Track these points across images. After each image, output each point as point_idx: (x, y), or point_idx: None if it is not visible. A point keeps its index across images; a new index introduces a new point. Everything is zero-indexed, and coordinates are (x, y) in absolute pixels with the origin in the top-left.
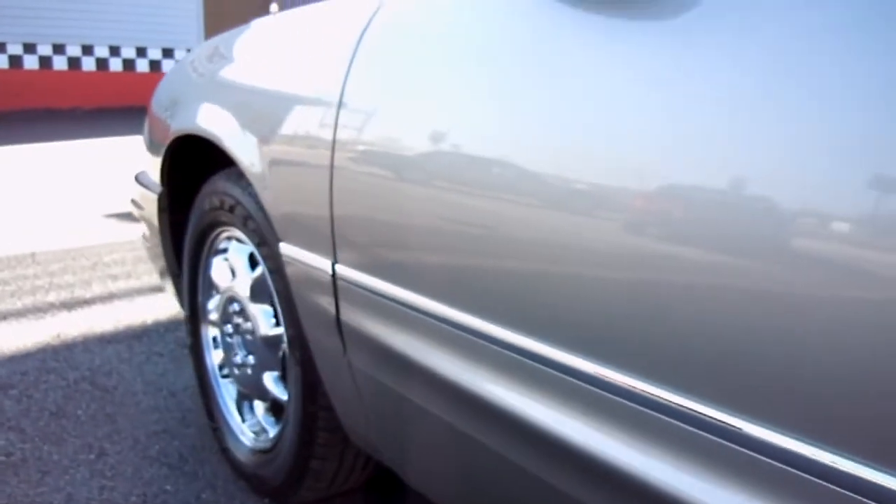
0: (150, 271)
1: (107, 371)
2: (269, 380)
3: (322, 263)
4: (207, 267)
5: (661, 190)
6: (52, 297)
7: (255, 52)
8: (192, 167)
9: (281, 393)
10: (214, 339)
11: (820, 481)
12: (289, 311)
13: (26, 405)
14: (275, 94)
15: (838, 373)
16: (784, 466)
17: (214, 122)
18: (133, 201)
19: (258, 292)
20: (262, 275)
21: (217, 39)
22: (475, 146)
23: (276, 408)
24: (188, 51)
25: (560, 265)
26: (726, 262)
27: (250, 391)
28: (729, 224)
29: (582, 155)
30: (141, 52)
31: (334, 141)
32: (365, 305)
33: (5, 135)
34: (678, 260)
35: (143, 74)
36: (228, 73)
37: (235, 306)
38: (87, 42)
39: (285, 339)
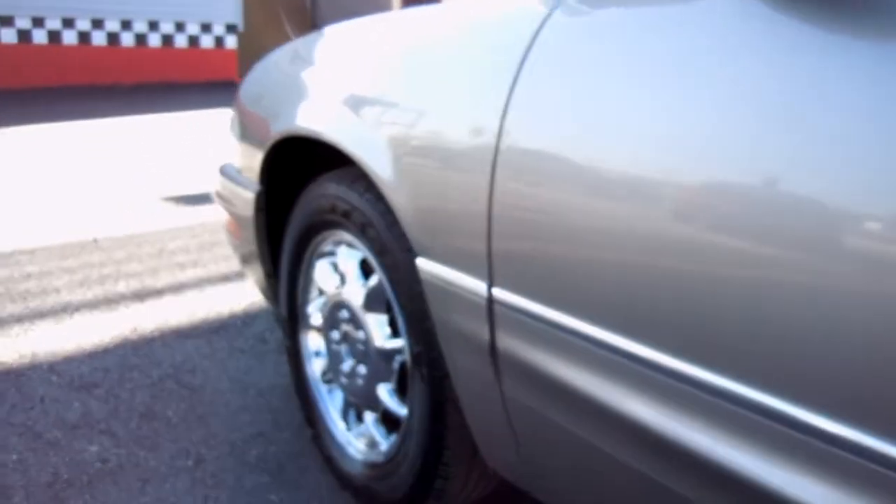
0: (215, 259)
1: (190, 368)
2: (384, 392)
3: (475, 285)
4: (309, 270)
5: None
6: (122, 288)
7: (384, 51)
8: (290, 166)
9: (397, 407)
10: (316, 345)
11: None
12: (416, 327)
13: (114, 405)
14: (418, 97)
15: None
16: None
17: (335, 125)
18: (218, 194)
19: (373, 301)
20: (379, 284)
21: (325, 35)
22: (668, 163)
23: (387, 418)
24: (228, 26)
25: (758, 295)
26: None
27: (360, 401)
28: None
29: (793, 175)
30: (180, 27)
31: (496, 152)
32: (529, 334)
33: (49, 111)
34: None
35: (182, 50)
36: (351, 72)
37: (344, 313)
38: (126, 17)
39: (407, 353)
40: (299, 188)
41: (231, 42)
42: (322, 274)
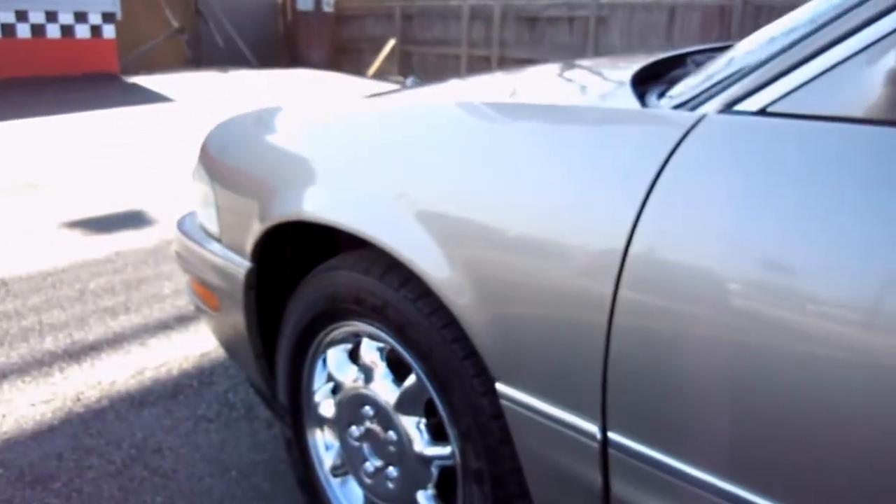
0: (147, 301)
1: (155, 448)
2: (424, 499)
3: (582, 425)
4: (316, 357)
5: None
6: (50, 344)
7: (457, 144)
8: (280, 240)
9: None
10: (326, 438)
11: None
12: (480, 444)
13: None
14: (510, 206)
15: None
16: None
17: (378, 223)
18: (182, 258)
19: (410, 404)
20: (418, 385)
21: (359, 108)
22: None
23: None
24: (104, 15)
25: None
26: None
27: (389, 503)
28: None
29: None
30: (51, 16)
31: (618, 282)
32: (659, 489)
33: None
34: None
35: (54, 41)
36: (404, 162)
37: (368, 410)
38: None
39: (458, 465)
40: (289, 260)
41: (109, 32)
42: (336, 364)
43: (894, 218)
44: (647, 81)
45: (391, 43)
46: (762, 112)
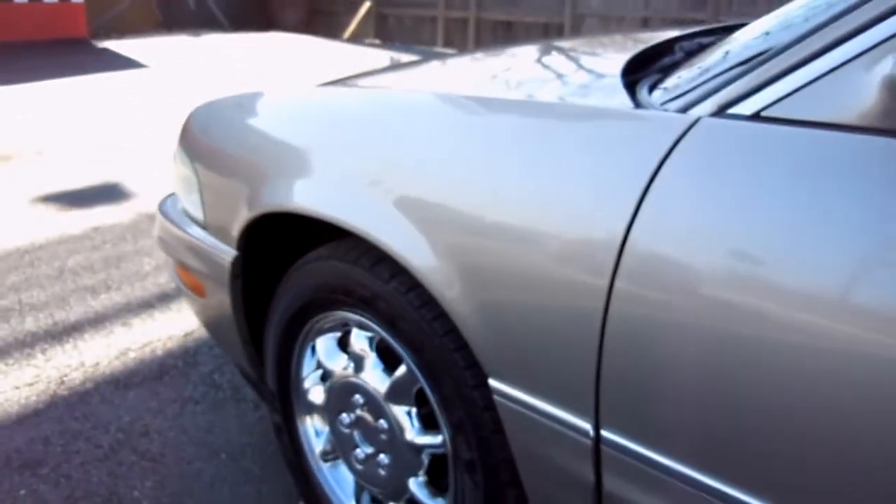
0: (128, 279)
1: (143, 431)
2: (417, 486)
3: (575, 422)
4: (305, 345)
5: None
6: (31, 325)
7: (449, 138)
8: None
9: (431, 501)
10: (316, 424)
11: None
12: (473, 436)
13: (68, 489)
14: (505, 201)
15: None
16: None
17: (366, 214)
18: (164, 242)
19: (401, 394)
20: (408, 375)
21: (353, 97)
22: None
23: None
24: None
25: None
26: None
27: (381, 491)
28: None
29: None
30: None
31: (614, 276)
32: (647, 483)
33: None
34: None
35: (21, 5)
36: (398, 155)
37: (359, 398)
38: None
39: (451, 455)
40: (277, 247)
41: None
42: (326, 352)
43: (890, 227)
44: (637, 70)
45: (367, 5)
46: (756, 116)
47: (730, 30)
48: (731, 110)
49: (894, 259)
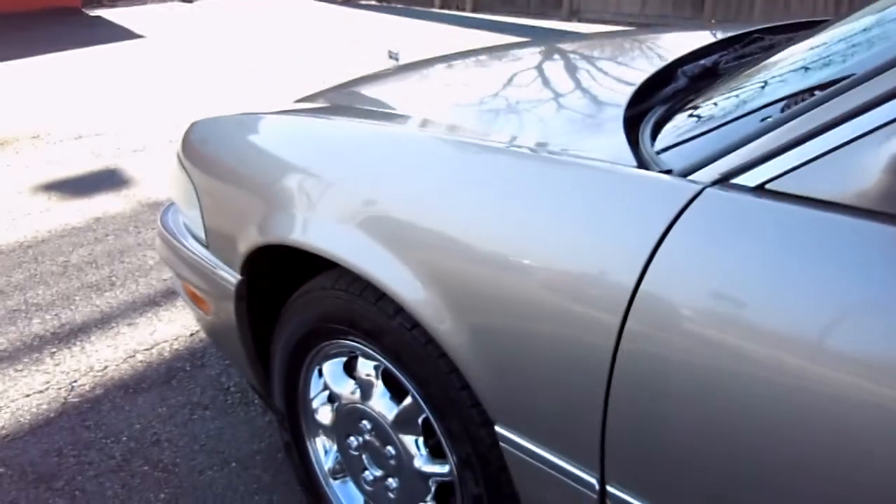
0: (132, 274)
1: (154, 439)
2: None
3: (580, 474)
4: (312, 367)
5: None
6: (37, 327)
7: (441, 175)
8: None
9: None
10: (325, 443)
11: None
12: (480, 473)
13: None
14: (515, 250)
15: None
16: None
17: (373, 258)
18: (166, 259)
19: (408, 424)
20: (414, 405)
21: (342, 129)
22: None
23: None
24: None
25: None
26: None
27: None
28: None
29: None
30: None
31: (622, 331)
32: None
33: None
34: None
35: None
36: (403, 195)
37: (366, 424)
38: None
39: (458, 486)
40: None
41: None
42: (332, 377)
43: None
44: (641, 97)
45: None
46: (761, 189)
47: (739, 39)
48: (736, 180)
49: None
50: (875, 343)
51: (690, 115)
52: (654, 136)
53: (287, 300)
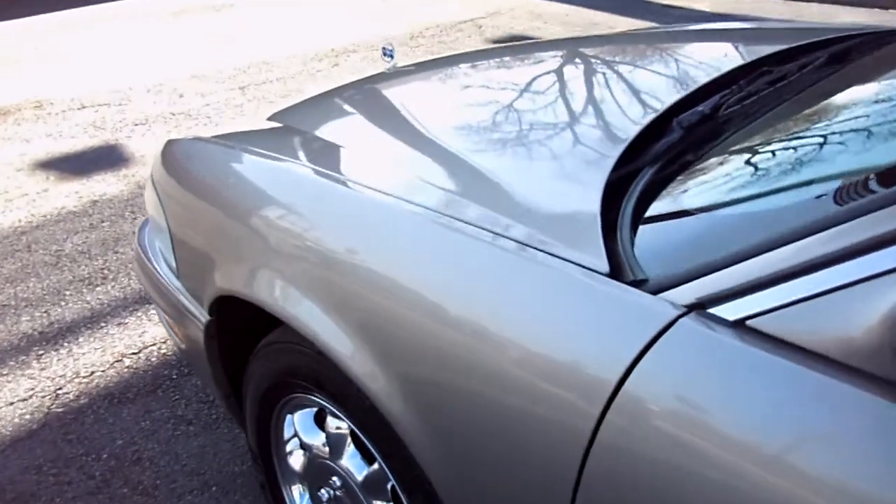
0: (125, 266)
1: (135, 457)
2: None
3: None
4: (283, 415)
5: None
6: (26, 326)
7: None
8: None
9: None
10: (298, 489)
11: None
12: None
13: None
14: (448, 327)
15: None
16: None
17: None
18: (141, 280)
19: (377, 489)
20: (382, 471)
21: (296, 177)
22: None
23: None
24: None
25: None
26: None
27: None
28: None
29: None
30: None
31: (595, 433)
32: None
33: None
34: None
35: None
36: (344, 257)
37: (336, 481)
38: None
39: None
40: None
41: None
42: (303, 428)
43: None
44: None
45: None
46: (741, 324)
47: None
48: (714, 310)
49: None
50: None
51: (675, 200)
52: (634, 220)
53: (253, 350)
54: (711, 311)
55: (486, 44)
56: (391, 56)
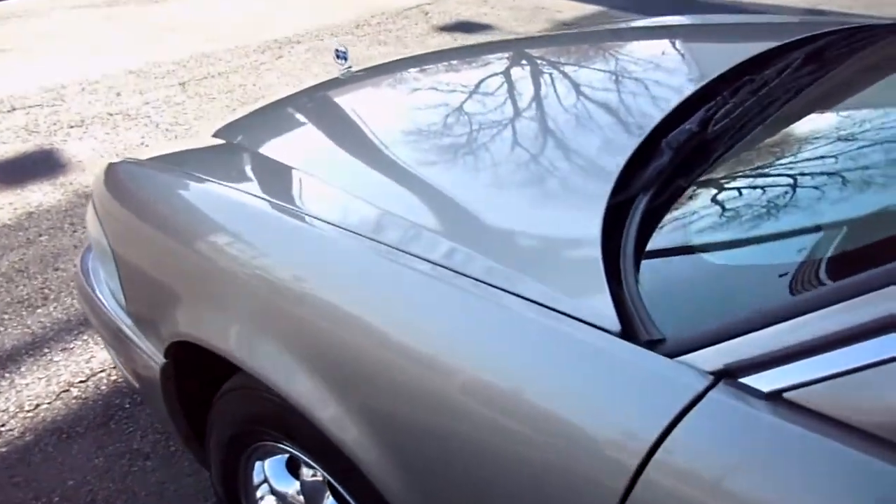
0: (66, 284)
1: (88, 498)
2: None
3: None
4: (252, 462)
5: None
6: None
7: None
8: None
9: None
10: None
11: None
12: None
13: None
14: (431, 385)
15: None
16: None
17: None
18: (87, 316)
19: None
20: None
21: (251, 210)
22: None
23: None
24: None
25: None
26: None
27: None
28: None
29: None
30: None
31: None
32: None
33: None
34: None
35: None
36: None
37: None
38: None
39: None
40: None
41: None
42: (274, 476)
43: None
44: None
45: None
46: (777, 396)
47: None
48: (745, 379)
49: None
50: None
51: (678, 233)
52: (636, 257)
53: (217, 393)
54: (741, 380)
55: (434, 31)
56: (345, 58)
